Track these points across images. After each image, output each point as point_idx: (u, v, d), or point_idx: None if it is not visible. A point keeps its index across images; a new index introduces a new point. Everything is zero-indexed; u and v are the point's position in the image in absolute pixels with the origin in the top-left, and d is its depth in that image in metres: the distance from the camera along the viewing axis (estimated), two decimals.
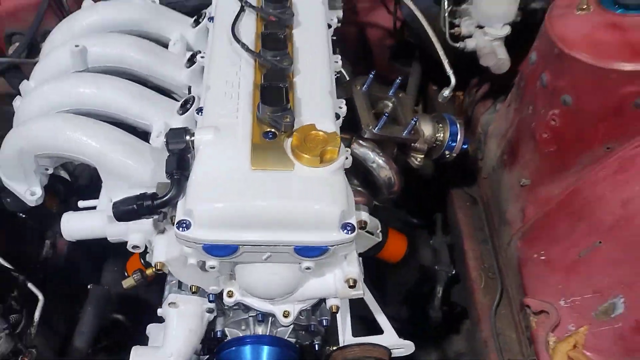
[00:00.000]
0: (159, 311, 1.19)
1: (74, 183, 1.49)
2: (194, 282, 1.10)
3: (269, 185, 0.93)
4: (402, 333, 1.41)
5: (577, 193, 1.26)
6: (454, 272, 1.61)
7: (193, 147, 1.00)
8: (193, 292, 1.12)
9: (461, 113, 1.78)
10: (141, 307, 1.66)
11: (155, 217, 1.02)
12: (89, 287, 1.60)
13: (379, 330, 1.25)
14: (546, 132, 1.28)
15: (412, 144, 1.37)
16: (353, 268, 1.04)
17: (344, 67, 1.36)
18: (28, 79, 1.32)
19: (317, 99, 1.08)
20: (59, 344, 1.51)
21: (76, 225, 1.12)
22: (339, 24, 1.42)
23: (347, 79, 1.43)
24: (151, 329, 1.22)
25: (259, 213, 0.92)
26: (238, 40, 1.13)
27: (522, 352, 1.34)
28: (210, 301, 1.14)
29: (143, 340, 1.30)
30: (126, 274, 1.51)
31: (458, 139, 1.41)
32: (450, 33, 1.41)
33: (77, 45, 1.21)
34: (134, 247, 1.09)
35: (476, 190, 1.66)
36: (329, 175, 0.96)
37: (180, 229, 0.92)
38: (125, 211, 0.97)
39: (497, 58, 1.36)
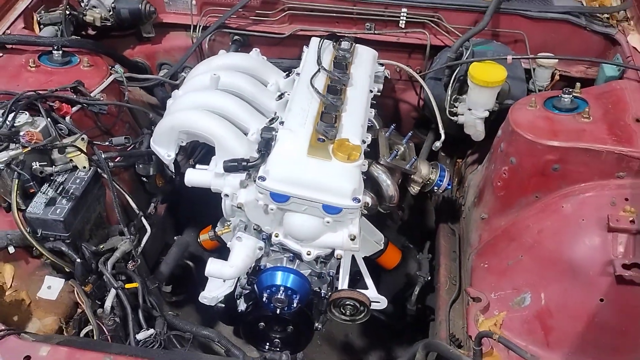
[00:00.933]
0: (229, 244, 1.85)
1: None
2: (257, 221, 1.77)
3: (315, 165, 1.62)
4: (385, 323, 2.04)
5: (514, 224, 1.89)
6: (429, 279, 2.21)
7: (275, 139, 1.71)
8: (254, 229, 1.79)
9: (458, 173, 2.44)
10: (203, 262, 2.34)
11: (246, 173, 1.71)
12: (175, 238, 2.31)
13: (365, 288, 1.88)
14: (500, 181, 1.93)
15: (411, 176, 2.04)
16: (354, 228, 1.69)
17: (375, 119, 2.07)
18: (169, 95, 2.08)
19: (353, 126, 1.77)
20: (151, 265, 2.18)
21: (194, 176, 1.82)
22: (379, 93, 2.14)
23: (378, 127, 2.12)
24: (212, 261, 1.86)
25: (305, 179, 1.61)
26: (313, 87, 1.86)
27: (462, 331, 1.92)
28: (262, 239, 1.81)
29: (202, 283, 1.97)
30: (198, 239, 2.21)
31: (444, 180, 2.06)
32: (450, 111, 2.11)
33: (215, 74, 1.97)
34: (226, 195, 1.77)
35: (457, 226, 2.29)
36: (351, 168, 1.64)
37: (260, 179, 1.61)
38: (231, 165, 1.68)
39: (475, 130, 2.05)
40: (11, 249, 1.82)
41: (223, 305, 2.03)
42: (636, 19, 2.13)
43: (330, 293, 1.86)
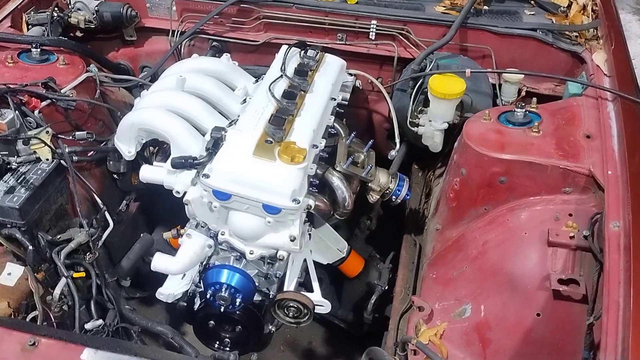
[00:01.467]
0: (179, 240, 1.90)
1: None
2: (203, 219, 1.81)
3: (258, 165, 1.67)
4: (341, 329, 2.05)
5: (463, 235, 1.89)
6: (386, 288, 2.22)
7: (224, 139, 1.76)
8: (201, 226, 1.83)
9: (427, 185, 2.45)
10: None
11: (193, 170, 1.76)
12: (141, 235, 2.36)
13: (311, 291, 1.90)
14: (452, 192, 1.94)
15: (369, 184, 2.06)
16: (295, 230, 1.72)
17: (341, 127, 2.11)
18: None
19: (304, 131, 1.81)
20: (112, 260, 2.24)
21: (148, 172, 1.87)
22: (345, 102, 2.17)
23: (343, 135, 2.15)
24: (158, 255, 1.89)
25: (247, 178, 1.65)
26: (270, 91, 1.91)
27: None
28: (210, 237, 1.85)
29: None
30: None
31: (402, 190, 2.07)
32: (411, 121, 2.13)
33: (181, 76, 2.04)
34: (177, 192, 1.82)
35: (420, 237, 2.29)
36: (293, 170, 1.67)
37: (204, 177, 1.66)
38: (178, 162, 1.73)
39: (433, 141, 2.07)
40: None
41: (184, 304, 2.07)
42: (605, 38, 2.13)
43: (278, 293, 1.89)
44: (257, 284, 1.89)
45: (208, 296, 1.83)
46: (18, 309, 1.83)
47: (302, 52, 2.10)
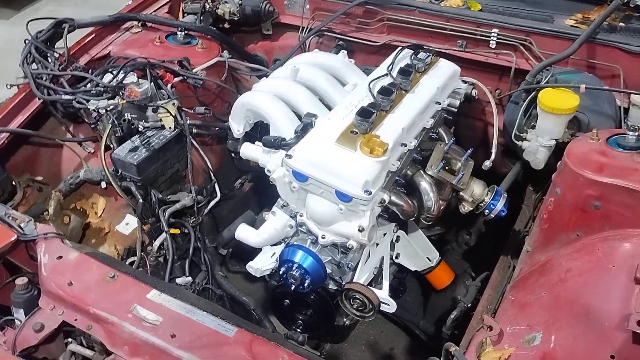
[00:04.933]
0: (265, 215, 2.02)
1: None
2: (286, 198, 1.91)
3: (338, 153, 1.72)
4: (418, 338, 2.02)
5: (550, 260, 1.76)
6: (469, 306, 2.12)
7: (313, 125, 1.84)
8: (285, 206, 1.93)
9: (536, 208, 2.30)
10: None
11: (283, 151, 1.86)
12: (246, 211, 2.54)
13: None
14: (545, 213, 1.81)
15: (461, 193, 2.00)
16: (365, 221, 1.74)
17: (445, 133, 2.09)
18: None
19: (393, 127, 1.82)
20: (216, 230, 2.44)
21: (248, 149, 2.02)
22: (454, 109, 2.14)
23: (446, 141, 2.12)
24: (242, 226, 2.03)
25: (325, 163, 1.71)
26: (369, 86, 1.95)
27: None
28: (291, 217, 1.94)
29: None
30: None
31: (497, 205, 1.98)
32: (516, 134, 2.02)
33: (295, 66, 2.17)
34: (268, 171, 1.94)
35: (516, 260, 2.16)
36: (371, 162, 1.70)
37: (287, 157, 1.76)
38: (268, 140, 1.86)
39: (535, 157, 1.94)
40: (103, 184, 2.21)
41: (274, 282, 2.19)
42: None
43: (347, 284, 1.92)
44: (330, 270, 1.94)
45: (281, 272, 1.92)
46: (122, 254, 2.10)
47: (414, 54, 2.11)
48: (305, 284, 1.89)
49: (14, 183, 2.21)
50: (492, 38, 2.18)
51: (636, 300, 1.47)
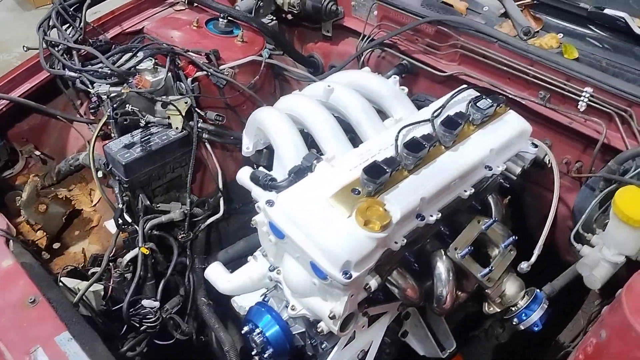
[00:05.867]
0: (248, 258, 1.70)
1: None
2: (265, 248, 1.58)
3: (327, 214, 1.35)
4: None
5: None
6: None
7: (313, 169, 1.49)
8: (264, 255, 1.60)
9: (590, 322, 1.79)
10: None
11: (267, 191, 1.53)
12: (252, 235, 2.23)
13: None
14: (582, 354, 1.33)
15: (487, 291, 1.56)
16: (338, 307, 1.37)
17: (494, 205, 1.65)
18: None
19: (407, 194, 1.42)
20: (211, 249, 2.15)
21: (243, 175, 1.68)
22: (513, 177, 1.69)
23: (495, 215, 1.67)
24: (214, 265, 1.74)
25: (308, 225, 1.35)
26: (397, 135, 1.55)
27: None
28: (270, 270, 1.60)
29: None
30: None
31: (533, 315, 1.53)
32: (578, 233, 1.53)
33: (329, 85, 1.80)
34: (258, 207, 1.61)
35: None
36: (362, 236, 1.31)
37: (268, 204, 1.42)
38: (254, 177, 1.52)
39: (591, 272, 1.44)
40: (99, 174, 1.99)
41: None
42: None
43: None
44: (301, 343, 1.60)
45: (243, 332, 1.61)
46: (88, 260, 1.88)
47: (473, 100, 1.66)
48: (266, 355, 1.56)
49: (15, 151, 2.07)
50: (582, 98, 1.67)
51: None
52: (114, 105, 1.82)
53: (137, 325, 1.78)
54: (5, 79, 1.94)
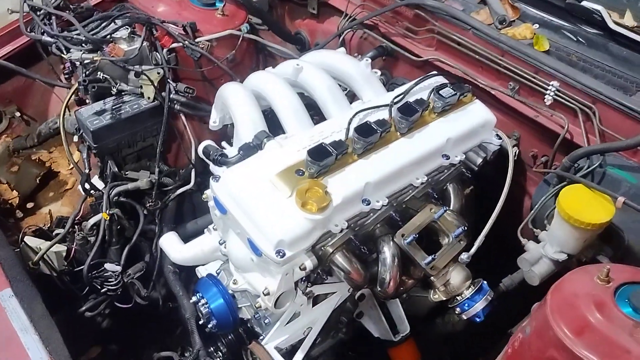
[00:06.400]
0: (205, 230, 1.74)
1: None
2: (214, 222, 1.61)
3: (268, 193, 1.37)
4: None
5: None
6: None
7: (263, 147, 1.50)
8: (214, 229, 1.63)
9: None
10: None
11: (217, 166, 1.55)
12: None
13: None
14: (510, 349, 1.33)
15: (432, 279, 1.57)
16: (272, 283, 1.39)
17: (453, 193, 1.64)
18: None
19: (353, 179, 1.43)
20: (182, 219, 2.19)
21: (201, 148, 1.70)
22: (474, 167, 1.68)
23: (452, 204, 1.66)
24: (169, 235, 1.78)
25: (249, 202, 1.37)
26: (350, 118, 1.54)
27: None
28: (220, 244, 1.63)
29: None
30: None
31: (476, 305, 1.52)
32: (526, 228, 1.53)
33: (298, 64, 1.80)
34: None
35: None
36: (297, 217, 1.33)
37: (213, 179, 1.44)
38: (206, 151, 1.55)
39: (530, 268, 1.43)
40: (76, 138, 2.04)
41: None
42: None
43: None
44: (248, 316, 1.64)
45: (192, 301, 1.65)
46: (54, 221, 1.94)
47: (435, 89, 1.64)
48: (210, 325, 1.60)
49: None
50: (549, 92, 1.64)
51: None
52: (87, 72, 1.84)
53: (99, 287, 1.84)
54: None
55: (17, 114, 2.11)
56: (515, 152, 1.79)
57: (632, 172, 1.46)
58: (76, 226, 1.86)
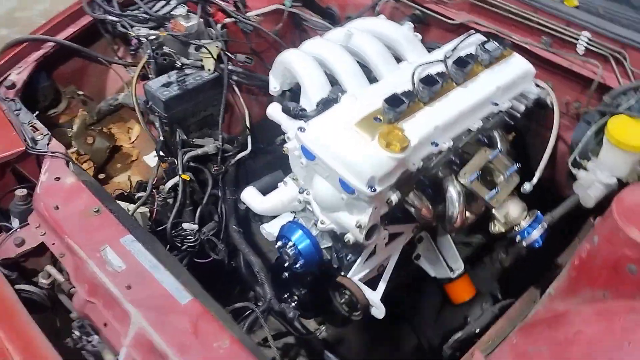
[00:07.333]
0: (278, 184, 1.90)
1: None
2: (295, 171, 1.78)
3: (352, 138, 1.55)
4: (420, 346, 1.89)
5: (565, 313, 1.51)
6: (477, 331, 1.91)
7: (338, 101, 1.68)
8: (294, 179, 1.80)
9: None
10: None
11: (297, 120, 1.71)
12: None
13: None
14: (577, 259, 1.55)
15: (493, 211, 1.76)
16: (364, 218, 1.57)
17: (499, 138, 1.84)
18: None
19: (423, 122, 1.62)
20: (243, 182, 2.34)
21: (274, 110, 1.86)
22: (517, 113, 1.88)
23: (499, 147, 1.86)
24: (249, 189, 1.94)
25: (336, 147, 1.55)
26: (414, 71, 1.73)
27: None
28: (300, 193, 1.80)
29: None
30: None
31: (534, 233, 1.73)
32: (575, 161, 1.73)
33: (349, 31, 1.97)
34: (288, 137, 1.80)
35: None
36: (384, 156, 1.51)
37: (300, 130, 1.61)
38: (286, 108, 1.71)
39: (585, 192, 1.65)
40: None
41: None
42: None
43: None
44: (328, 257, 1.81)
45: (277, 246, 1.82)
46: (134, 186, 2.08)
47: (482, 43, 1.84)
48: (297, 265, 1.77)
49: (59, 92, 2.24)
50: (580, 42, 1.85)
51: None
52: (153, 47, 1.99)
53: (179, 245, 1.99)
54: (50, 23, 2.11)
55: (80, 92, 2.24)
56: (551, 101, 1.99)
57: None
58: (153, 190, 2.00)
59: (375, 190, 1.50)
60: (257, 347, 1.37)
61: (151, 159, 2.20)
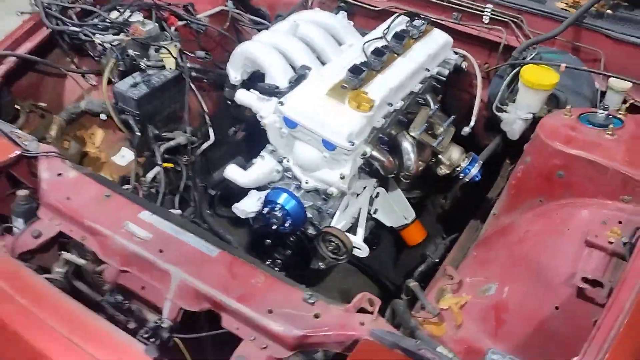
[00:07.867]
0: (253, 160, 2.14)
1: None
2: (275, 143, 2.03)
3: (327, 104, 1.84)
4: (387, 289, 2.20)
5: (512, 223, 1.90)
6: (437, 261, 2.27)
7: (307, 77, 1.96)
8: (271, 152, 2.05)
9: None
10: None
11: (275, 99, 1.97)
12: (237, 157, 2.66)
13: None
14: (514, 180, 1.95)
15: (439, 156, 2.13)
16: (346, 169, 1.87)
17: (431, 99, 2.21)
18: None
19: (381, 86, 1.94)
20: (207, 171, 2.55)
21: (242, 95, 2.12)
22: (443, 77, 2.27)
23: (432, 106, 2.23)
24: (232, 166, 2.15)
25: (314, 113, 1.83)
26: (363, 47, 2.06)
27: None
28: (278, 162, 2.06)
29: None
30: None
31: (472, 170, 2.12)
32: (498, 106, 2.15)
33: (295, 22, 2.27)
34: (260, 117, 2.05)
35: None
36: (357, 115, 1.82)
37: (279, 104, 1.88)
38: (263, 88, 1.97)
39: (511, 127, 2.07)
40: (103, 116, 2.31)
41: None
42: None
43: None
44: (310, 215, 2.08)
45: (264, 212, 2.05)
46: (118, 182, 2.22)
47: (409, 21, 2.21)
48: (286, 224, 2.02)
49: (17, 107, 2.30)
50: (485, 13, 2.28)
51: (584, 261, 1.62)
52: (119, 51, 2.15)
53: None
54: (10, 39, 2.18)
55: (41, 104, 2.31)
56: (465, 65, 2.40)
57: (556, 54, 2.14)
58: (135, 183, 2.16)
59: (354, 144, 1.80)
60: (288, 279, 1.60)
61: (120, 159, 2.33)
